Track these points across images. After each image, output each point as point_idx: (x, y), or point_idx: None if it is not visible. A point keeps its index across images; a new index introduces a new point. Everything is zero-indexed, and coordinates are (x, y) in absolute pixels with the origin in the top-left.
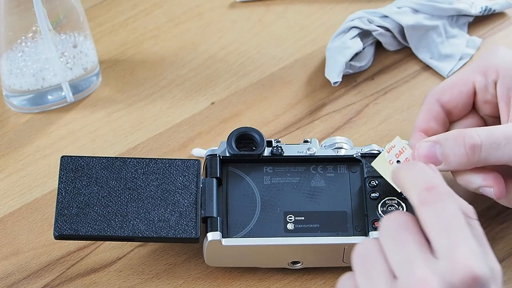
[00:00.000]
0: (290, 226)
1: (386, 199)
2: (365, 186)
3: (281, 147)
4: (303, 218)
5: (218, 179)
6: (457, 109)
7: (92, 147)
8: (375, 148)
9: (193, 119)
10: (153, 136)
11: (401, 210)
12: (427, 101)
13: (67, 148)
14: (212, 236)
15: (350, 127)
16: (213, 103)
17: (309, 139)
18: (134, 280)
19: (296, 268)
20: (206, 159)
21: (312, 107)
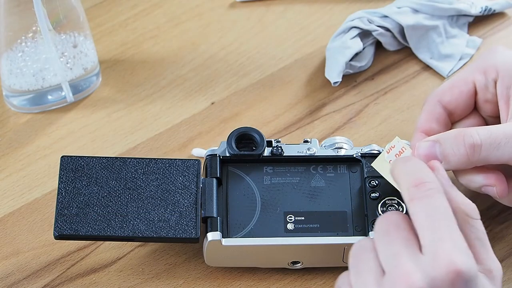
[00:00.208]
0: (290, 226)
1: (386, 199)
2: (365, 186)
3: (281, 147)
4: (303, 218)
5: (218, 179)
6: (459, 109)
7: (92, 147)
8: (375, 148)
9: (193, 119)
10: (153, 136)
11: (400, 210)
12: (428, 102)
13: (67, 148)
14: (212, 236)
15: (350, 127)
16: (213, 103)
17: (309, 139)
18: (134, 280)
19: (296, 268)
20: (206, 159)
21: (312, 107)
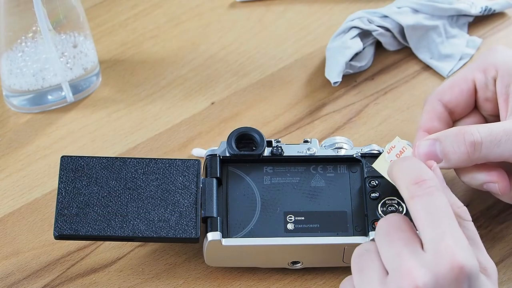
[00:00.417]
0: (290, 226)
1: (386, 199)
2: (365, 186)
3: (281, 147)
4: (303, 218)
5: (218, 179)
6: (459, 108)
7: (92, 147)
8: (375, 148)
9: (193, 119)
10: (153, 136)
11: (400, 210)
12: (429, 101)
13: (67, 148)
14: (212, 236)
15: (350, 127)
16: (213, 103)
17: (309, 139)
18: (134, 280)
19: (296, 268)
20: (206, 159)
21: (312, 107)
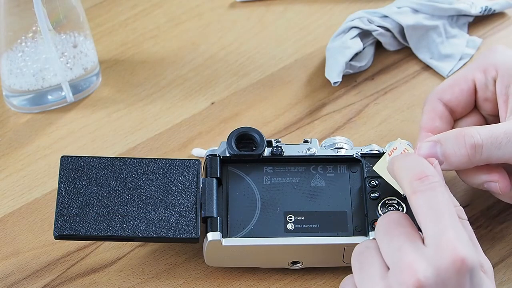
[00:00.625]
0: (290, 226)
1: (386, 199)
2: (365, 186)
3: (281, 147)
4: (303, 218)
5: (218, 179)
6: (459, 107)
7: (92, 147)
8: (375, 148)
9: (193, 119)
10: (153, 136)
11: (400, 210)
12: (429, 101)
13: (67, 148)
14: (212, 236)
15: (350, 127)
16: (213, 103)
17: (309, 139)
18: (134, 280)
19: (296, 268)
20: (206, 159)
21: (312, 107)
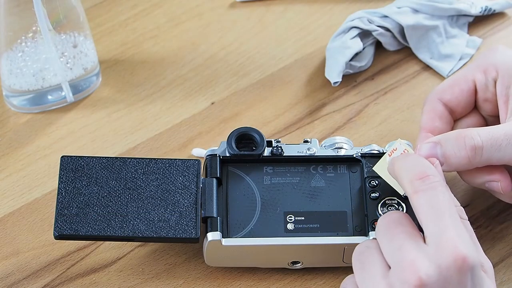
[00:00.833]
0: (290, 226)
1: (386, 199)
2: (365, 186)
3: (281, 147)
4: (303, 218)
5: (218, 179)
6: (459, 107)
7: (92, 147)
8: (375, 148)
9: (193, 119)
10: (153, 136)
11: (400, 210)
12: (429, 101)
13: (67, 148)
14: (212, 236)
15: (350, 127)
16: (213, 103)
17: (309, 139)
18: (134, 280)
19: (296, 268)
20: (206, 159)
21: (312, 107)
